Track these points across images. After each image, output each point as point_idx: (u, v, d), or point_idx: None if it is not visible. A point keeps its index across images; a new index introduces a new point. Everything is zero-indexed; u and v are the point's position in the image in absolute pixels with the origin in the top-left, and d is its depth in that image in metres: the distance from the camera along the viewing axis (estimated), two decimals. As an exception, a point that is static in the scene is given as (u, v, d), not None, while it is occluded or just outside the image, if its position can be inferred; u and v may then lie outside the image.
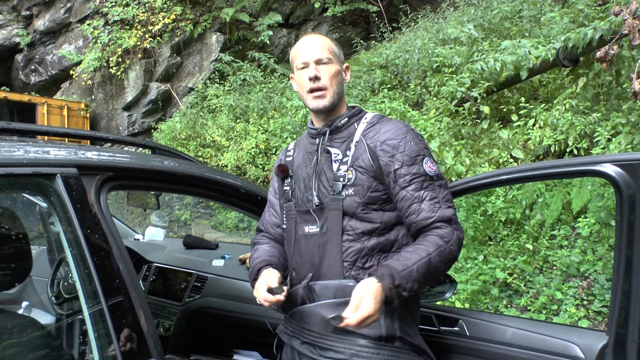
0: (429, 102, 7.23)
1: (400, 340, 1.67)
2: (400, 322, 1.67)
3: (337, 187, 1.73)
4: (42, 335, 1.85)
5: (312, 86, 1.77)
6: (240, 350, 3.04)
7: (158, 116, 13.06)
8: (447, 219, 1.67)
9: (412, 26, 10.71)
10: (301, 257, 1.80)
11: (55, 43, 14.12)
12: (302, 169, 1.88)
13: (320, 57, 1.78)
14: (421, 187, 1.68)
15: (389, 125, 1.77)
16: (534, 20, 7.53)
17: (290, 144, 2.09)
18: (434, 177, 1.72)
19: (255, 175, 9.02)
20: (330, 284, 1.71)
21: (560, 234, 4.91)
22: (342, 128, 1.82)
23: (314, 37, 1.85)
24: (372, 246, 1.70)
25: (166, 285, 3.26)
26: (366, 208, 1.70)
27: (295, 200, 1.87)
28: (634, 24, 4.12)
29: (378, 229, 1.71)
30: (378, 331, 1.63)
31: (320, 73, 1.77)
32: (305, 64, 1.79)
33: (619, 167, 1.66)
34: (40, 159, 1.46)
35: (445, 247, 1.62)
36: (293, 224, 1.85)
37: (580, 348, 1.78)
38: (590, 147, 5.09)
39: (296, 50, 1.84)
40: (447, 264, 1.67)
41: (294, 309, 1.79)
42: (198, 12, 13.29)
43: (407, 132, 1.74)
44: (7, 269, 1.58)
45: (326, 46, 1.81)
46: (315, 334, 1.71)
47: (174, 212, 9.68)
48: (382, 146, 1.72)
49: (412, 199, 1.67)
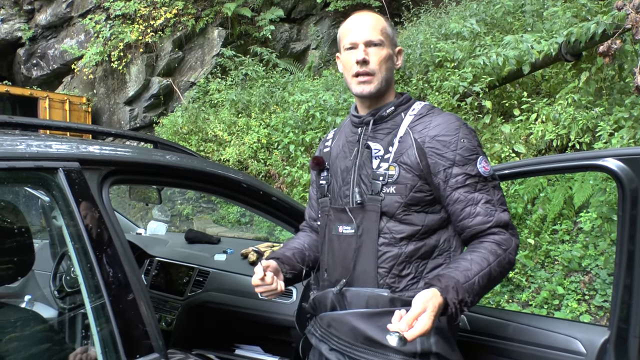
0: (431, 97, 7.22)
1: (436, 356, 1.53)
2: (437, 335, 1.52)
3: (375, 186, 1.59)
4: (44, 329, 1.86)
5: (358, 70, 1.62)
6: (242, 345, 3.04)
7: (160, 111, 13.05)
8: (504, 224, 1.54)
9: (414, 21, 10.66)
10: (333, 259, 1.70)
11: (57, 37, 14.10)
12: (341, 160, 1.74)
13: (371, 38, 1.62)
14: (475, 189, 1.54)
15: (439, 119, 1.60)
16: (537, 14, 7.50)
17: (330, 132, 1.94)
18: (488, 177, 1.57)
19: (257, 169, 9.01)
20: (362, 291, 1.60)
21: (562, 228, 4.90)
22: (388, 118, 1.67)
23: (366, 15, 1.69)
24: (411, 252, 1.57)
25: (168, 279, 3.27)
26: (407, 209, 1.56)
27: (332, 195, 1.74)
28: (636, 18, 4.11)
29: (418, 232, 1.57)
30: (413, 347, 1.49)
31: (369, 56, 1.61)
32: (353, 44, 1.64)
33: (621, 161, 1.66)
34: (42, 153, 1.46)
35: (504, 256, 1.50)
36: (327, 221, 1.74)
37: (581, 343, 1.78)
38: (593, 141, 5.08)
39: (345, 28, 1.69)
40: (504, 274, 1.54)
41: (324, 314, 1.71)
42: (200, 7, 13.25)
43: (459, 128, 1.58)
44: (10, 263, 1.58)
45: (379, 26, 1.65)
46: (344, 342, 1.61)
47: (176, 206, 9.68)
48: (432, 142, 1.56)
49: (466, 202, 1.54)
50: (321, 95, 8.39)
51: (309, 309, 1.81)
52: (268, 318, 2.77)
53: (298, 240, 1.94)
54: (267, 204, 2.29)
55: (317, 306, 1.75)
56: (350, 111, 1.80)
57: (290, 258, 1.81)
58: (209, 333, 3.11)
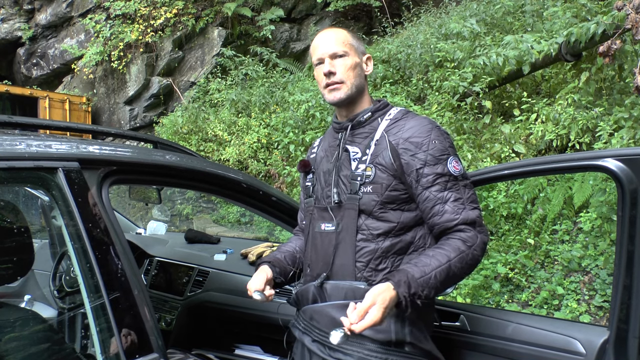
0: (431, 97, 7.22)
1: (410, 345, 1.62)
2: (411, 326, 1.62)
3: (354, 186, 1.69)
4: (44, 328, 1.86)
5: (327, 81, 1.74)
6: (242, 345, 3.04)
7: (160, 110, 13.05)
8: (471, 221, 1.61)
9: (414, 21, 10.66)
10: (316, 254, 1.79)
11: (57, 37, 14.10)
12: (324, 163, 1.85)
13: (335, 51, 1.74)
14: (445, 188, 1.63)
15: (412, 122, 1.70)
16: (537, 14, 7.50)
17: (317, 140, 2.07)
18: (459, 177, 1.66)
19: (257, 169, 9.02)
20: (341, 284, 1.68)
21: (561, 228, 4.91)
22: (365, 123, 1.78)
23: (329, 31, 1.80)
24: (387, 247, 1.66)
25: (168, 279, 3.27)
26: (384, 207, 1.66)
27: (316, 195, 1.85)
28: (636, 19, 4.11)
29: (394, 229, 1.66)
30: (387, 336, 1.59)
31: (335, 67, 1.73)
32: (320, 59, 1.76)
33: (621, 162, 1.66)
34: (42, 153, 1.46)
35: (467, 252, 1.58)
36: (311, 219, 1.84)
37: (581, 343, 1.78)
38: (593, 141, 5.08)
39: (313, 46, 1.81)
40: (468, 270, 1.61)
41: (305, 307, 1.79)
42: (200, 7, 13.26)
43: (431, 130, 1.67)
44: (9, 263, 1.58)
45: (341, 39, 1.76)
46: (325, 333, 1.67)
47: (176, 206, 9.68)
48: (405, 144, 1.66)
49: (436, 200, 1.62)
50: (321, 95, 8.38)
51: (292, 303, 1.89)
52: (268, 318, 2.77)
53: (290, 244, 2.05)
54: (267, 203, 2.29)
55: (300, 300, 1.83)
56: (332, 119, 1.92)
57: (282, 261, 1.91)
58: (208, 333, 3.11)
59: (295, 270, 1.92)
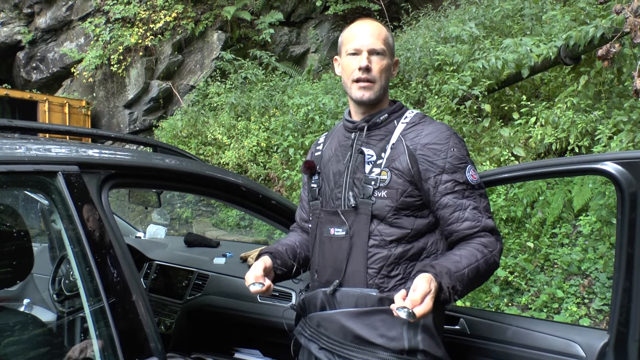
0: (430, 101, 7.23)
1: (422, 353, 1.57)
2: (423, 333, 1.56)
3: (367, 190, 1.63)
4: (43, 332, 1.86)
5: (360, 76, 1.65)
6: (242, 348, 3.04)
7: (159, 114, 13.05)
8: (490, 229, 1.61)
9: (413, 24, 10.69)
10: (324, 260, 1.73)
11: (56, 41, 14.10)
12: (333, 163, 1.78)
13: (374, 47, 1.66)
14: (463, 196, 1.60)
15: (431, 127, 1.66)
16: (536, 18, 7.52)
17: (321, 136, 1.98)
18: (476, 186, 1.64)
19: (257, 173, 9.02)
20: (352, 291, 1.64)
21: (561, 232, 4.91)
22: (381, 125, 1.72)
23: (372, 23, 1.71)
24: (399, 254, 1.61)
25: (167, 283, 3.26)
26: (398, 213, 1.61)
27: (323, 198, 1.78)
28: (635, 22, 4.11)
29: (408, 235, 1.62)
30: (400, 344, 1.55)
31: (372, 64, 1.65)
32: (357, 50, 1.66)
33: (620, 165, 1.66)
34: (41, 157, 1.46)
35: (490, 256, 1.57)
36: (318, 223, 1.77)
37: (581, 346, 1.78)
38: (592, 145, 5.09)
39: (350, 33, 1.71)
40: (489, 274, 1.60)
41: (313, 314, 1.74)
42: (199, 10, 13.27)
43: (450, 137, 1.64)
44: (9, 266, 1.58)
45: (382, 36, 1.68)
46: (334, 341, 1.64)
47: (175, 210, 9.68)
48: (424, 150, 1.61)
49: (455, 207, 1.59)
50: (320, 99, 8.40)
51: (298, 309, 1.85)
52: (267, 321, 2.77)
53: (290, 238, 1.98)
54: (266, 207, 2.29)
55: (307, 306, 1.78)
56: (344, 116, 1.84)
57: (283, 253, 1.84)
58: (208, 336, 3.10)
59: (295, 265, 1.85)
